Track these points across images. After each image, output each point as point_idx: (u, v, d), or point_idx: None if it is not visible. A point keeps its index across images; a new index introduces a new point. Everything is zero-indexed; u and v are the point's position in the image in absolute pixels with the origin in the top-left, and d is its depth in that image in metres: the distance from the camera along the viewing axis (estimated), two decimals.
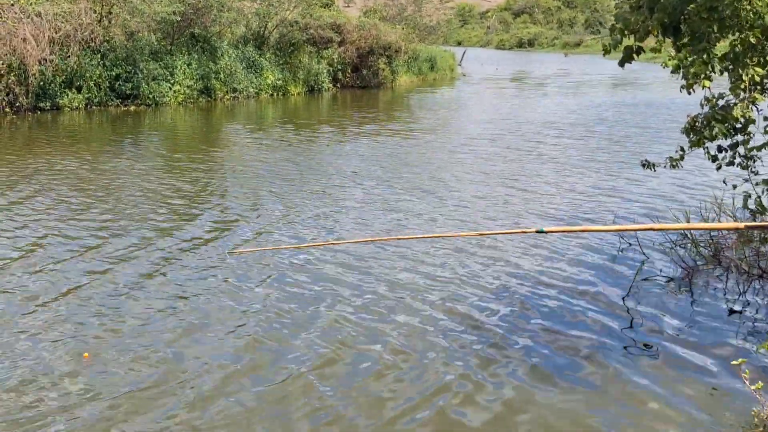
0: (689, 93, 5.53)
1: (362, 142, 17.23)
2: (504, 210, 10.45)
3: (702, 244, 7.97)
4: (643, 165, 6.80)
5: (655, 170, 6.73)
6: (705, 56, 5.06)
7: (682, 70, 5.24)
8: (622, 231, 6.47)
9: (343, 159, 14.87)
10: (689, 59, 5.11)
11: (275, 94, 27.47)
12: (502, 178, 12.87)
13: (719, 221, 8.41)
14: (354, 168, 13.74)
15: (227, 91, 25.38)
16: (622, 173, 13.21)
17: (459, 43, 77.02)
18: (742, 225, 5.05)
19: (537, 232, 4.40)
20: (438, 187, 11.96)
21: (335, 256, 8.16)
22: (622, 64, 5.53)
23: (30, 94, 20.37)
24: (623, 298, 6.89)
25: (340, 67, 30.92)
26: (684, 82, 5.41)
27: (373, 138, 17.91)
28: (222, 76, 25.21)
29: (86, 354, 5.66)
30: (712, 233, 8.09)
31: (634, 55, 5.59)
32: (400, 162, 14.41)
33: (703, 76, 5.26)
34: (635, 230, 7.13)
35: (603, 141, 17.41)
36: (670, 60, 5.26)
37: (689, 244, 8.08)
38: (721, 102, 5.95)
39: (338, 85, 31.08)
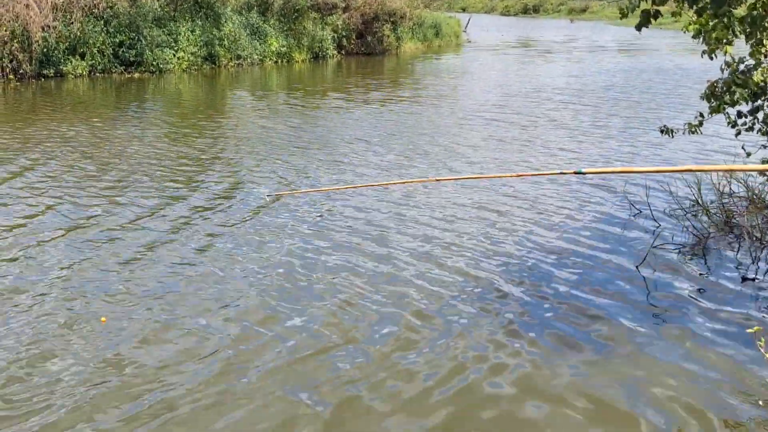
0: (711, 58, 5.45)
1: (372, 109, 17.14)
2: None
3: (713, 212, 7.94)
4: (662, 131, 6.74)
5: (673, 136, 6.67)
6: (726, 20, 4.97)
7: (703, 34, 5.14)
8: (661, 172, 6.45)
9: (355, 126, 14.84)
10: (711, 24, 5.01)
11: (279, 61, 27.25)
12: (519, 143, 12.94)
13: (730, 188, 8.37)
14: (366, 134, 13.80)
15: (231, 58, 25.19)
16: (637, 138, 13.22)
17: (463, 9, 76.15)
18: None
19: (575, 173, 4.30)
20: (454, 153, 12.08)
21: (373, 214, 8.48)
22: (639, 27, 5.43)
23: (33, 61, 20.23)
24: (637, 267, 6.85)
25: (344, 34, 30.61)
26: (705, 47, 5.33)
27: (382, 105, 17.80)
28: (226, 42, 24.99)
29: (103, 318, 5.66)
30: (724, 200, 8.06)
31: (651, 19, 5.50)
32: (411, 130, 14.34)
33: (725, 41, 5.17)
34: (675, 171, 7.05)
35: (615, 107, 17.32)
36: (690, 25, 5.17)
37: (700, 211, 8.05)
38: (741, 67, 5.87)
39: (343, 51, 30.78)
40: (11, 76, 19.88)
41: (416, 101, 18.45)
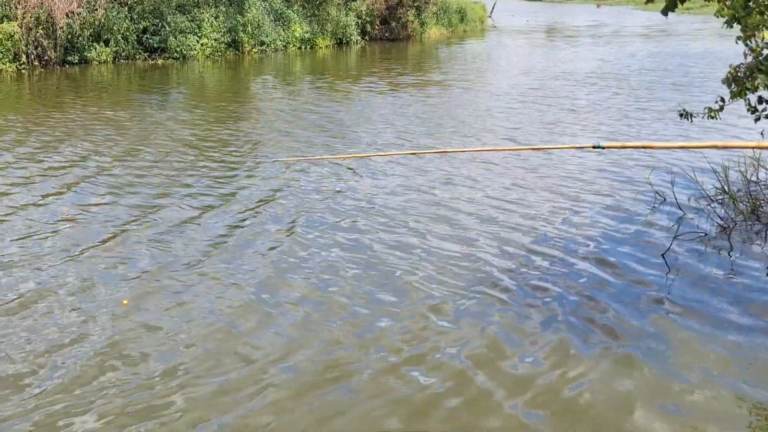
0: (746, 44, 5.29)
1: (398, 94, 17.10)
2: (567, 158, 10.32)
3: (740, 200, 7.78)
4: (681, 115, 6.61)
5: (692, 120, 6.53)
6: (762, 6, 4.81)
7: (738, 19, 4.98)
8: (685, 148, 6.29)
9: (381, 110, 14.85)
10: (745, 9, 4.85)
11: (303, 47, 27.17)
12: (560, 126, 12.95)
13: (757, 175, 8.20)
14: (392, 118, 13.81)
15: (255, 45, 25.14)
16: (667, 123, 13.04)
17: None
18: None
19: (594, 147, 4.09)
20: (479, 134, 12.17)
21: (395, 193, 8.58)
22: (665, 12, 5.29)
23: (58, 48, 20.33)
24: (662, 255, 6.73)
25: (368, 20, 30.46)
26: (740, 33, 5.17)
27: (407, 89, 17.74)
28: (249, 29, 24.92)
29: (125, 301, 5.64)
30: (751, 189, 7.90)
31: (678, 3, 5.36)
32: (437, 114, 14.29)
33: (762, 27, 5.00)
34: (698, 147, 6.91)
35: (648, 91, 17.14)
36: (724, 10, 5.00)
37: (727, 199, 7.89)
38: (765, 51, 5.71)
39: (366, 37, 30.62)
40: (36, 63, 19.99)
41: (442, 86, 18.35)
